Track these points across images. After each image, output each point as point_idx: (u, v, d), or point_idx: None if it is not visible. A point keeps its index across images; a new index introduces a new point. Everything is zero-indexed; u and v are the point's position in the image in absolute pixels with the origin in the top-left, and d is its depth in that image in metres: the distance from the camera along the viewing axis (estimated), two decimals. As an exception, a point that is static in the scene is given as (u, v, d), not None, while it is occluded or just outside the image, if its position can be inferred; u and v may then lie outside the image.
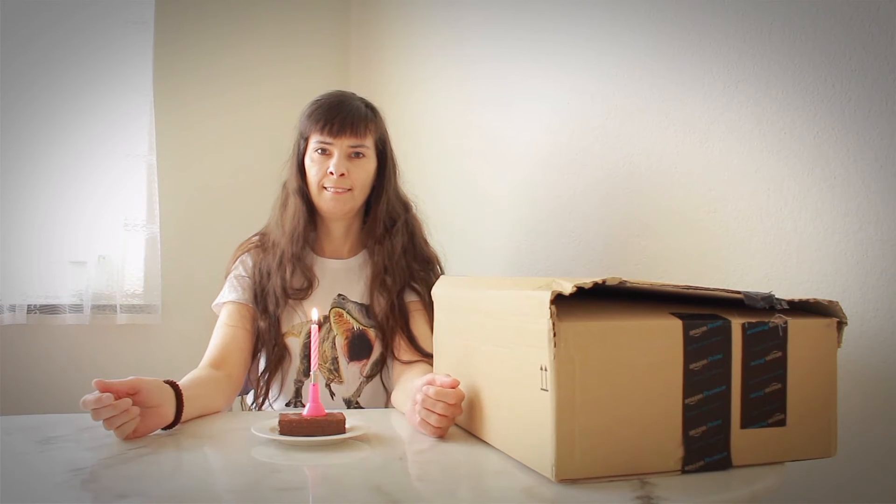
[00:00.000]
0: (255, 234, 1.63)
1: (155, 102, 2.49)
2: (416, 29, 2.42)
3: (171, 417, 1.16)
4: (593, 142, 1.66)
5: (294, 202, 1.55)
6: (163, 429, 1.17)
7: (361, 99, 1.58)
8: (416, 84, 2.40)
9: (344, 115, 1.50)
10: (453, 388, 1.10)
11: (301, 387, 1.54)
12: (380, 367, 1.56)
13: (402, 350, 1.53)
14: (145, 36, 2.47)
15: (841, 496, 1.17)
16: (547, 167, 1.80)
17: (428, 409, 1.12)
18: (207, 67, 2.66)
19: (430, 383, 1.12)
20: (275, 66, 2.76)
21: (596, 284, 0.88)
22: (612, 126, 1.61)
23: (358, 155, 1.51)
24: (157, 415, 1.14)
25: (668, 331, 0.92)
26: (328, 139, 1.50)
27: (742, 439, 0.96)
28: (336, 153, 1.50)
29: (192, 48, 2.64)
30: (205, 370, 1.42)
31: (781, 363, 0.97)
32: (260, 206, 1.71)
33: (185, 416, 1.19)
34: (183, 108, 2.62)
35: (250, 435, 1.11)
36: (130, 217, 2.49)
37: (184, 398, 1.18)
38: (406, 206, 1.62)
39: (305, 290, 1.55)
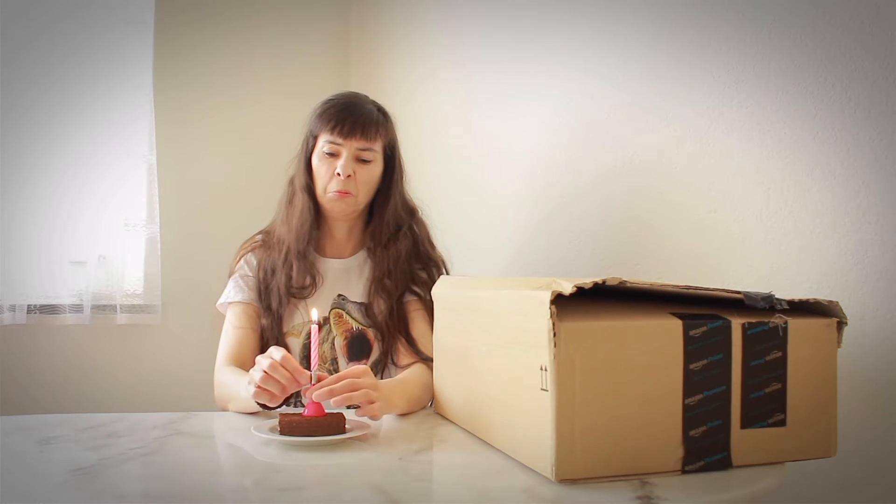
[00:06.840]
0: (259, 233, 1.64)
1: (155, 102, 2.48)
2: (416, 29, 2.42)
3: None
4: (593, 142, 1.66)
5: (301, 199, 1.55)
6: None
7: (374, 102, 1.58)
8: (417, 84, 2.40)
9: (355, 118, 1.50)
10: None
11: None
12: (380, 367, 1.56)
13: (402, 354, 1.54)
14: (145, 36, 2.47)
15: (841, 496, 1.17)
16: (547, 167, 1.80)
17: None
18: (207, 67, 2.66)
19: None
20: (275, 66, 2.76)
21: (596, 284, 0.88)
22: (612, 126, 1.61)
23: (365, 159, 1.51)
24: None
25: (668, 331, 0.92)
26: (338, 140, 1.50)
27: (742, 439, 0.96)
28: (344, 154, 1.50)
29: (192, 48, 2.64)
30: (231, 368, 1.45)
31: (781, 363, 0.97)
32: (260, 206, 1.71)
33: None
34: (183, 108, 2.62)
35: (250, 435, 1.11)
36: (130, 217, 2.48)
37: None
38: (412, 212, 1.62)
39: (308, 289, 1.55)
